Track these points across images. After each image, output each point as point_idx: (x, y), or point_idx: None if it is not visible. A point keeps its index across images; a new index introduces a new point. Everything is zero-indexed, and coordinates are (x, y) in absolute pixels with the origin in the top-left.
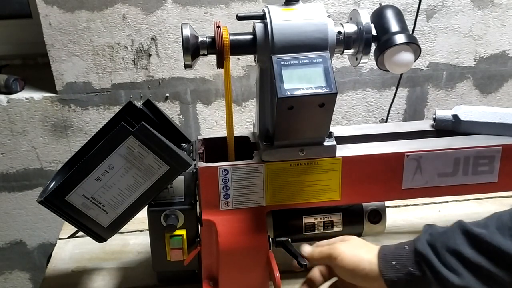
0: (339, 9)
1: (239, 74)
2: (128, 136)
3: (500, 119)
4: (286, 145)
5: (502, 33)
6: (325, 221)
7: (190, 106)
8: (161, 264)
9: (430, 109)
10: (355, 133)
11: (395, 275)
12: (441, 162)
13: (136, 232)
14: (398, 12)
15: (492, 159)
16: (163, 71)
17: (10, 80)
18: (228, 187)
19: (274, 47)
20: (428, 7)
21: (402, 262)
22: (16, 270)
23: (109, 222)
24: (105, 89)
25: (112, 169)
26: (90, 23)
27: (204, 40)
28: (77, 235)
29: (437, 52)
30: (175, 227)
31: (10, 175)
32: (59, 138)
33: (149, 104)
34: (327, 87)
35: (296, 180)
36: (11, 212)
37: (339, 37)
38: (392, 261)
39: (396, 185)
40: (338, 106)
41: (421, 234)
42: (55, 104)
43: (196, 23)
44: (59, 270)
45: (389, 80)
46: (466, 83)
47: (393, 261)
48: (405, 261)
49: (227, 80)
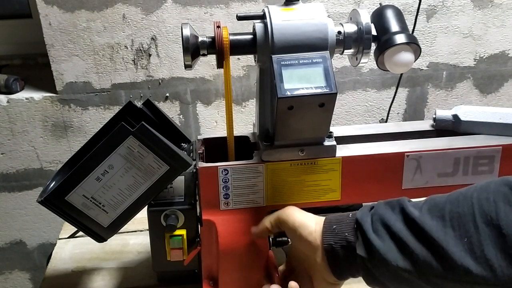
0: (339, 9)
1: (239, 74)
2: (128, 136)
3: (500, 119)
4: (286, 145)
5: (502, 33)
6: None
7: (190, 106)
8: (161, 264)
9: (430, 109)
10: (355, 133)
11: (333, 239)
12: (441, 162)
13: (136, 232)
14: (398, 12)
15: (492, 159)
16: (163, 71)
17: (10, 80)
18: (228, 187)
19: (274, 47)
20: (428, 7)
21: (341, 227)
22: (16, 270)
23: (109, 222)
24: (105, 89)
25: (112, 169)
26: (90, 23)
27: (204, 40)
28: (77, 235)
29: (437, 52)
30: (175, 227)
31: (10, 175)
32: (59, 138)
33: (149, 104)
34: (327, 87)
35: (296, 180)
36: (11, 212)
37: (339, 37)
38: (333, 226)
39: (396, 185)
40: (338, 106)
41: (368, 206)
42: (55, 104)
43: (196, 23)
44: (59, 270)
45: (389, 80)
46: (466, 83)
47: (334, 225)
48: (344, 227)
49: (227, 80)
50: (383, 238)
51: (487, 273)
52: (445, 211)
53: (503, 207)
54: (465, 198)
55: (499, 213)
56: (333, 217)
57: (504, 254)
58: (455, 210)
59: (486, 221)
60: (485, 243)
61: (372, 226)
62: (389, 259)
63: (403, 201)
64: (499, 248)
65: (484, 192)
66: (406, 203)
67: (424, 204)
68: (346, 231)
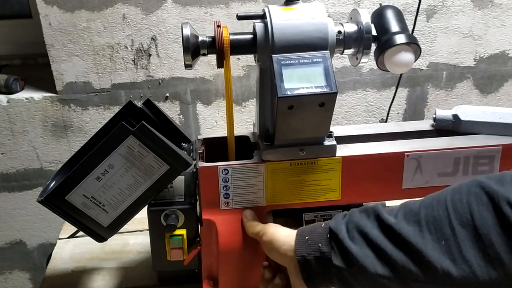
0: (339, 9)
1: (239, 74)
2: (128, 135)
3: (500, 119)
4: (286, 145)
5: (502, 33)
6: (325, 218)
7: (190, 106)
8: (161, 264)
9: (430, 109)
10: (355, 133)
11: (305, 251)
12: (441, 162)
13: (136, 232)
14: (398, 12)
15: (492, 159)
16: (163, 71)
17: (10, 80)
18: (228, 187)
19: (274, 46)
20: (428, 7)
21: (314, 238)
22: (16, 270)
23: (109, 221)
24: (105, 89)
25: (112, 169)
26: (90, 23)
27: (204, 39)
28: (77, 235)
29: (437, 52)
30: (175, 226)
31: (10, 175)
32: (59, 138)
33: (149, 104)
34: (327, 87)
35: (296, 179)
36: (11, 212)
37: (339, 36)
38: (306, 236)
39: (396, 185)
40: (338, 106)
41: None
42: (55, 104)
43: (196, 23)
44: (59, 270)
45: (389, 80)
46: (466, 83)
47: (307, 236)
48: (317, 237)
49: (228, 79)
50: (360, 245)
51: (466, 274)
52: (420, 216)
53: (476, 208)
54: (439, 201)
55: (474, 214)
56: (306, 228)
57: (482, 253)
58: (430, 214)
59: (462, 223)
60: (462, 245)
61: (348, 234)
62: (367, 267)
63: (378, 208)
64: (476, 248)
65: (457, 194)
66: (380, 210)
67: (399, 210)
68: (319, 242)
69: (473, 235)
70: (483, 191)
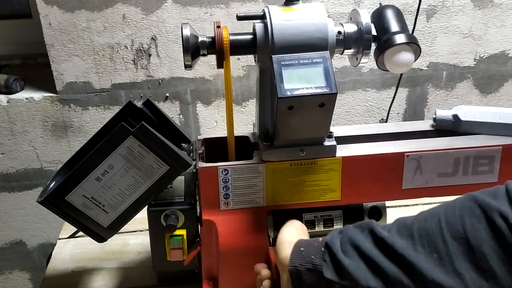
0: (339, 9)
1: (239, 74)
2: (128, 136)
3: (500, 119)
4: (286, 145)
5: (502, 33)
6: (325, 218)
7: (190, 106)
8: (161, 264)
9: (430, 109)
10: (355, 133)
11: (298, 262)
12: (441, 162)
13: (136, 232)
14: (398, 12)
15: (492, 159)
16: (163, 71)
17: (10, 80)
18: (228, 187)
19: (274, 47)
20: (428, 7)
21: (309, 250)
22: (16, 270)
23: (109, 222)
24: (105, 89)
25: (112, 169)
26: (90, 23)
27: (204, 40)
28: (77, 235)
29: (437, 52)
30: (175, 227)
31: (10, 175)
32: (59, 138)
33: (149, 104)
34: (327, 87)
35: (296, 180)
36: (11, 212)
37: (339, 37)
38: (302, 248)
39: (396, 185)
40: (338, 106)
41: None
42: (55, 104)
43: (196, 23)
44: (59, 270)
45: (389, 80)
46: (466, 83)
47: (302, 248)
48: (312, 250)
49: (227, 80)
50: (353, 258)
51: (458, 286)
52: (413, 230)
53: (468, 220)
54: (432, 216)
55: (466, 226)
56: (304, 240)
57: (474, 265)
58: (423, 228)
59: (454, 235)
60: (454, 257)
61: (342, 247)
62: (360, 279)
63: (372, 223)
64: (468, 260)
65: (450, 208)
66: (374, 224)
67: (392, 225)
68: (313, 254)
69: (465, 247)
70: (476, 204)
